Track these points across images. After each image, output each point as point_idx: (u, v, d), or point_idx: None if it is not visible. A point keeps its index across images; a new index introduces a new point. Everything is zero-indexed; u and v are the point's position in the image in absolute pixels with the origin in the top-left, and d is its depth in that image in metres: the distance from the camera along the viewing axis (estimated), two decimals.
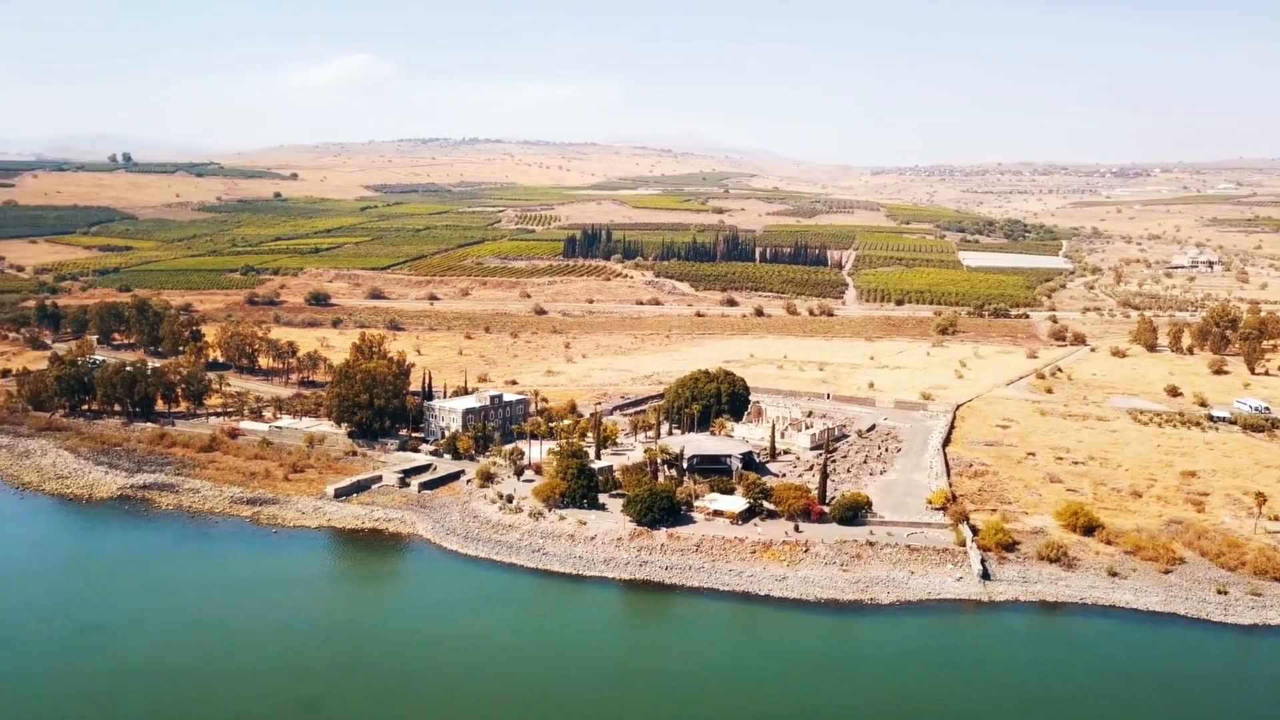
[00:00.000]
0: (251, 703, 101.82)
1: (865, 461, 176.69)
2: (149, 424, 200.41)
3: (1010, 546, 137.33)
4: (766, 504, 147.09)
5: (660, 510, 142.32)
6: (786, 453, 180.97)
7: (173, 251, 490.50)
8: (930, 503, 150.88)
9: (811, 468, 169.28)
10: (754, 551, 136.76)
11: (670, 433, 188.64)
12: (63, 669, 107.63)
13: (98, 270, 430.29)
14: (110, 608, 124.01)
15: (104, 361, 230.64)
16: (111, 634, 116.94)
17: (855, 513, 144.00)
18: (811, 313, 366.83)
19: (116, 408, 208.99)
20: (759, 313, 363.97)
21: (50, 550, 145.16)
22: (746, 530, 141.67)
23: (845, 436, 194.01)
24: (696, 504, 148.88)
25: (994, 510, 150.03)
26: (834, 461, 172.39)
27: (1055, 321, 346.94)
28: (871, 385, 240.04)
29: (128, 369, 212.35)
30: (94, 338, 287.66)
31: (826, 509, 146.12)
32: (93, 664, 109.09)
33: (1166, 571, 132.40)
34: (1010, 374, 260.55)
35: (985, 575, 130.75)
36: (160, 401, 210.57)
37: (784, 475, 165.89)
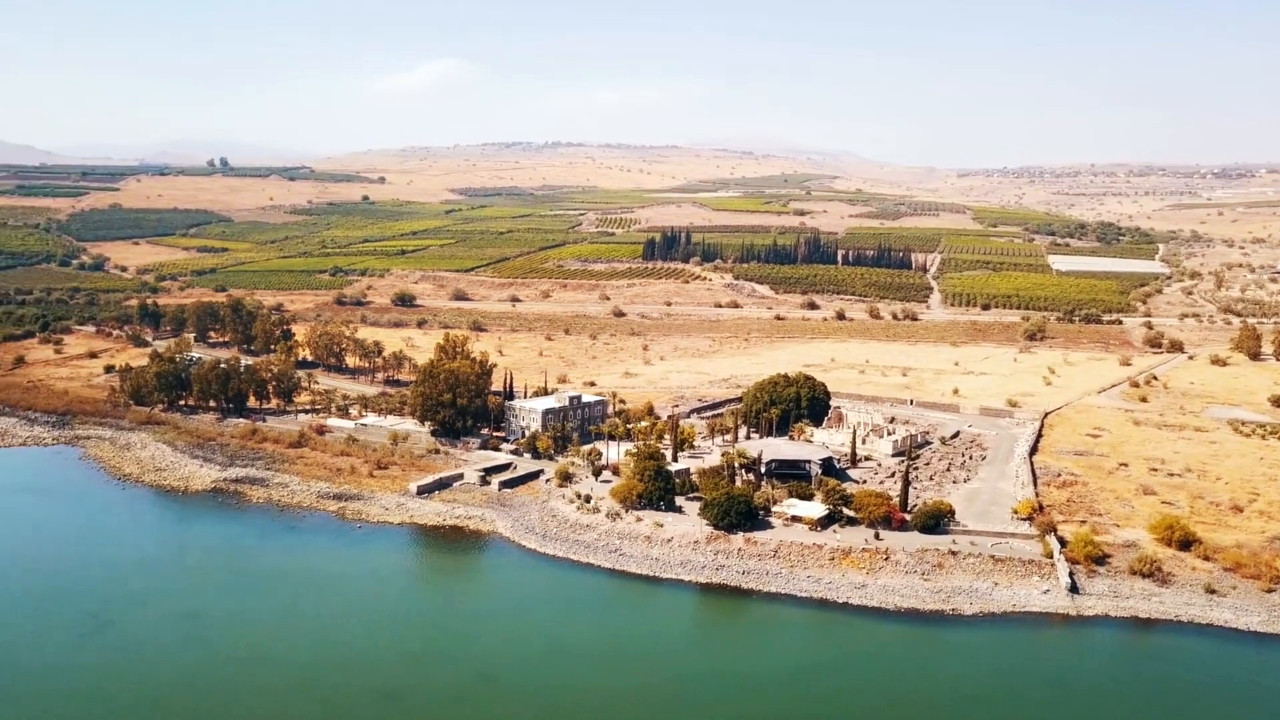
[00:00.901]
0: (334, 691, 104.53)
1: (949, 469, 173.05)
2: (241, 419, 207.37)
3: (1100, 560, 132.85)
4: (846, 510, 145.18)
5: (737, 514, 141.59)
6: (867, 459, 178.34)
7: (266, 253, 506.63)
8: (1016, 512, 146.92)
9: (893, 474, 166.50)
10: (833, 558, 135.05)
11: (748, 436, 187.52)
12: (160, 654, 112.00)
13: (195, 271, 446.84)
14: (203, 596, 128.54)
15: (200, 359, 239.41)
16: (204, 622, 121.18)
17: (938, 521, 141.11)
18: (895, 317, 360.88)
19: (211, 403, 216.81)
20: (840, 316, 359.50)
21: (150, 540, 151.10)
22: (825, 536, 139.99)
23: (928, 443, 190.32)
24: (774, 509, 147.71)
25: (1083, 522, 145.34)
26: (916, 468, 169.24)
27: (1150, 328, 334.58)
28: (956, 391, 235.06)
29: (222, 366, 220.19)
30: (191, 336, 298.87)
31: (908, 516, 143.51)
32: (187, 650, 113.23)
33: (1269, 590, 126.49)
34: (1102, 382, 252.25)
35: (1074, 589, 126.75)
36: (252, 398, 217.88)
37: (864, 482, 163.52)
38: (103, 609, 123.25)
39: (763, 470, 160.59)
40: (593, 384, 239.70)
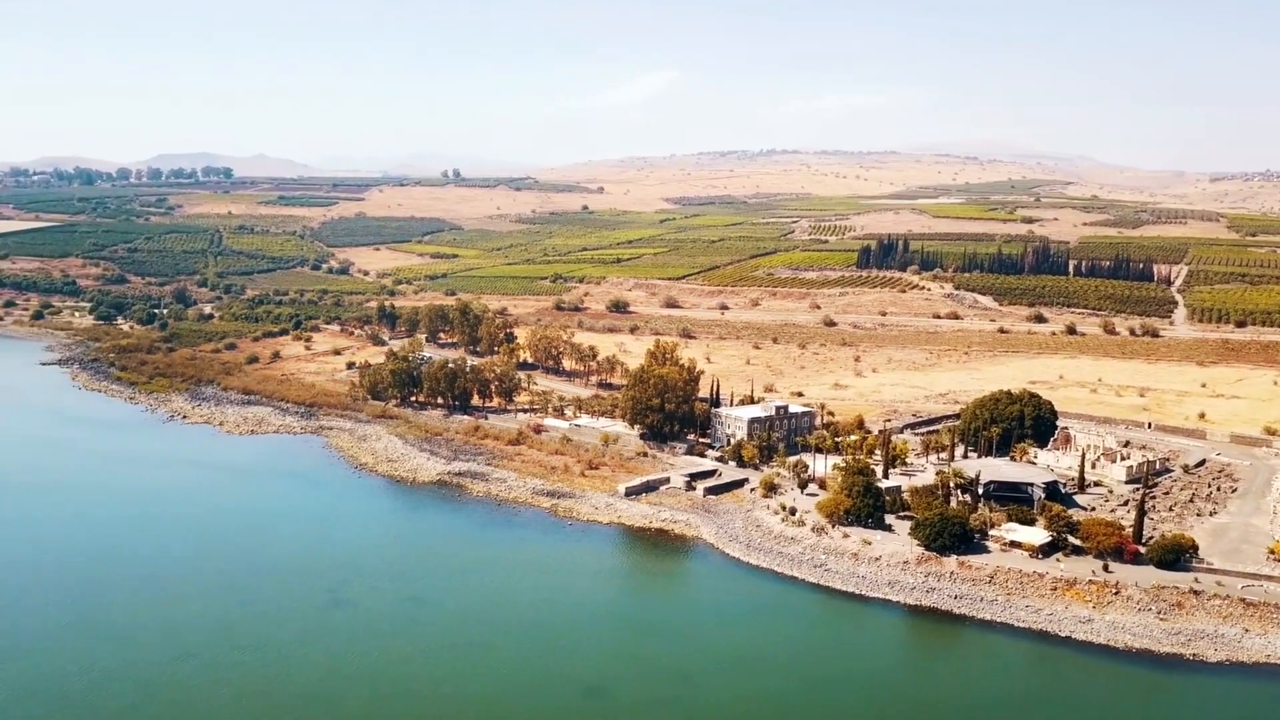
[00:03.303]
0: (541, 680, 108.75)
1: (1191, 500, 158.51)
2: (466, 416, 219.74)
3: None
4: (1071, 539, 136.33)
5: (951, 536, 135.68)
6: (1097, 485, 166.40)
7: (492, 259, 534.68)
8: (1273, 553, 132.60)
9: (1126, 503, 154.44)
10: (1055, 588, 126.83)
11: (965, 455, 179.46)
12: (387, 634, 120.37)
13: (428, 275, 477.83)
14: (427, 582, 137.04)
15: (431, 358, 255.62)
16: (427, 606, 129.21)
17: (1177, 556, 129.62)
18: (1132, 332, 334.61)
19: (439, 400, 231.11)
20: (1070, 330, 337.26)
21: (381, 526, 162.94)
22: (1047, 565, 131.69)
23: (1168, 471, 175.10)
24: (991, 533, 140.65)
25: None
26: (1153, 497, 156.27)
27: None
28: (1202, 416, 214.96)
29: (450, 366, 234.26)
30: (423, 336, 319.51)
31: (1142, 549, 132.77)
32: (410, 632, 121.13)
33: None
34: None
35: None
36: (476, 396, 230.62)
37: (1093, 509, 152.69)
38: (339, 587, 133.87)
39: (980, 491, 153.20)
40: (800, 394, 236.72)
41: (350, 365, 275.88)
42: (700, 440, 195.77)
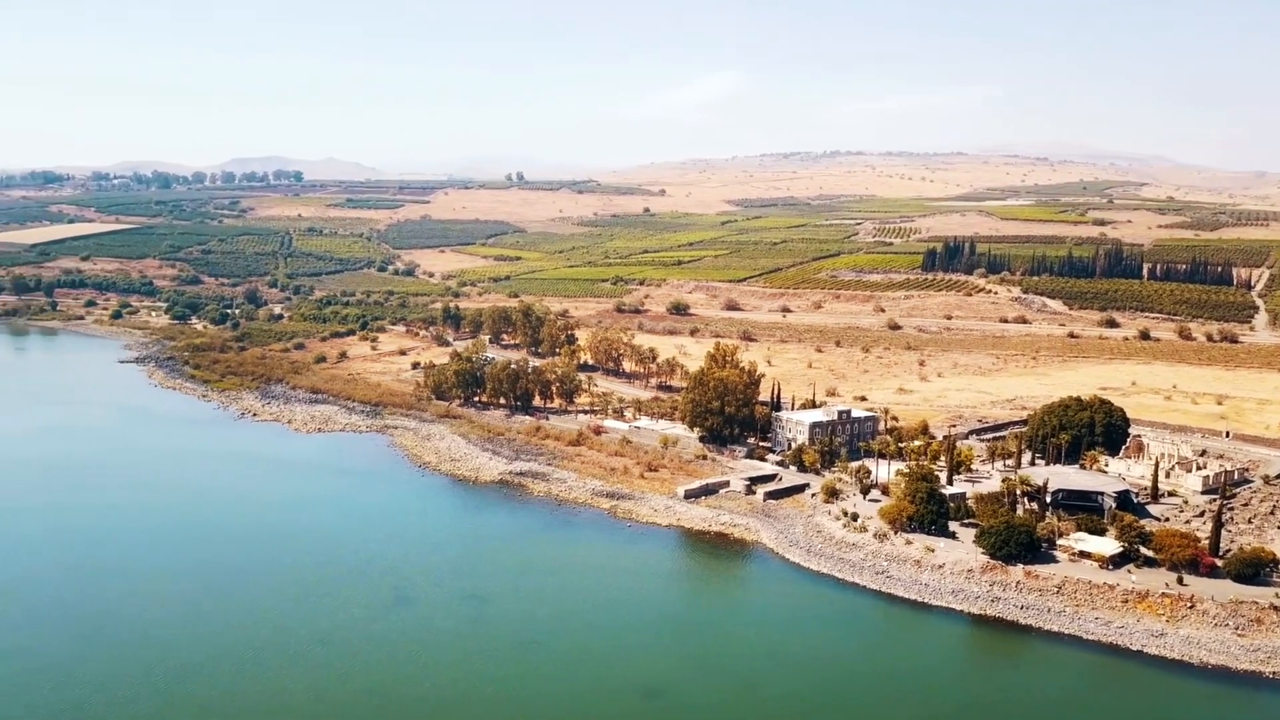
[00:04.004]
0: (600, 681, 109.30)
1: (1273, 512, 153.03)
2: (527, 417, 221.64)
3: None
4: (1143, 550, 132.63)
5: (1017, 545, 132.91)
6: (1171, 495, 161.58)
7: (554, 262, 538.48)
8: None
9: (1202, 514, 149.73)
10: (1125, 601, 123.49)
11: (1033, 463, 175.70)
12: (449, 631, 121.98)
13: (491, 277, 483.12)
14: (489, 580, 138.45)
15: (493, 359, 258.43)
16: (488, 604, 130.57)
17: (1257, 570, 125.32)
18: (1210, 338, 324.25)
19: (501, 401, 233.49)
20: (1144, 336, 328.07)
21: (444, 524, 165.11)
22: (1118, 577, 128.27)
23: (1247, 481, 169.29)
24: (1059, 542, 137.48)
25: None
26: (1231, 509, 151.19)
27: None
28: None
29: (512, 367, 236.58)
30: (486, 337, 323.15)
31: (1219, 562, 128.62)
32: (472, 630, 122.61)
33: None
34: None
35: None
36: (537, 397, 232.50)
37: (1166, 520, 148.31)
38: (403, 584, 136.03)
39: (1047, 500, 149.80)
40: (863, 399, 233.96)
41: (415, 365, 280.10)
42: (760, 444, 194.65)
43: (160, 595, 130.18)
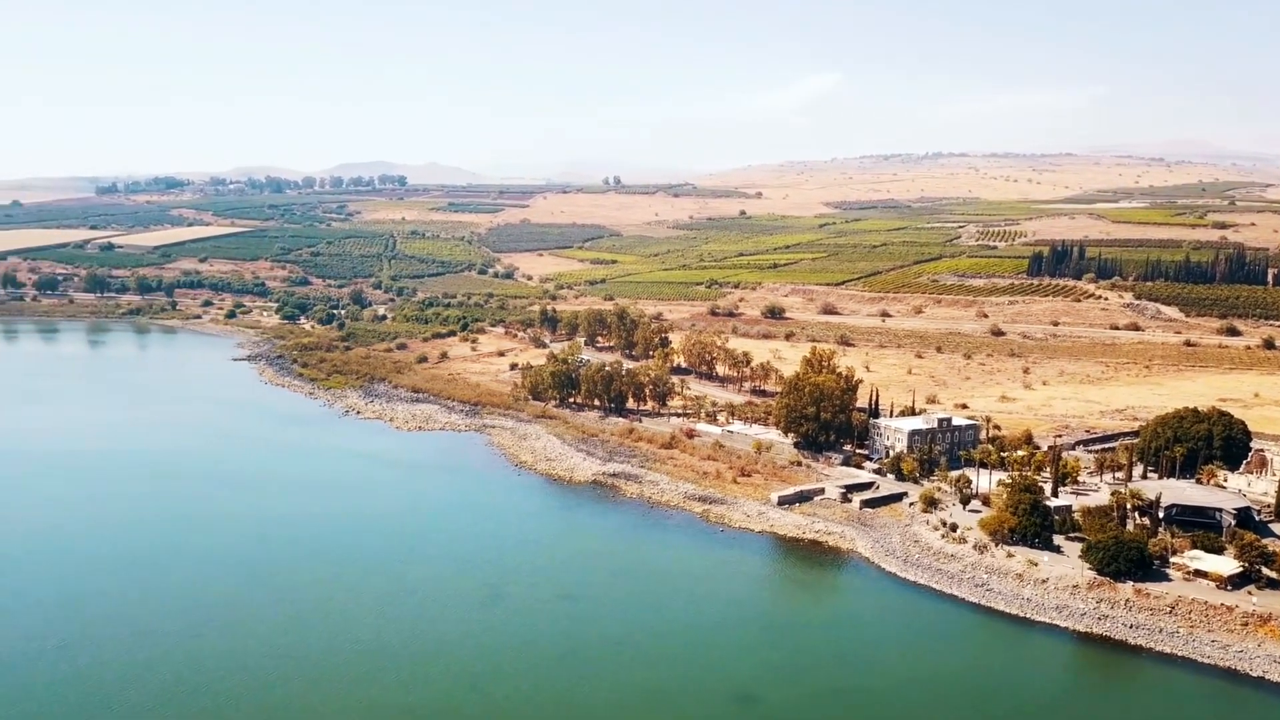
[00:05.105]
0: (692, 684, 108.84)
1: None
2: (621, 419, 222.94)
3: None
4: (1266, 570, 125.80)
5: (1127, 561, 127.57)
6: None
7: (649, 265, 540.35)
8: None
9: None
10: (1246, 624, 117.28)
11: (1144, 476, 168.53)
12: (541, 630, 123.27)
13: (588, 280, 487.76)
14: (581, 581, 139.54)
15: (589, 361, 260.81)
16: (580, 604, 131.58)
17: None
18: None
19: (596, 402, 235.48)
20: (1269, 345, 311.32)
21: (538, 523, 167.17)
22: (1237, 598, 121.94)
23: None
24: (1172, 560, 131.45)
25: None
26: None
27: None
28: None
29: (607, 369, 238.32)
30: (582, 340, 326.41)
31: None
32: (564, 629, 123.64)
33: None
34: None
35: None
36: (631, 399, 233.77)
37: None
38: (497, 582, 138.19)
39: (1160, 515, 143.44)
40: (964, 406, 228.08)
41: (513, 366, 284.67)
42: (857, 451, 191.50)
43: (277, 586, 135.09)
